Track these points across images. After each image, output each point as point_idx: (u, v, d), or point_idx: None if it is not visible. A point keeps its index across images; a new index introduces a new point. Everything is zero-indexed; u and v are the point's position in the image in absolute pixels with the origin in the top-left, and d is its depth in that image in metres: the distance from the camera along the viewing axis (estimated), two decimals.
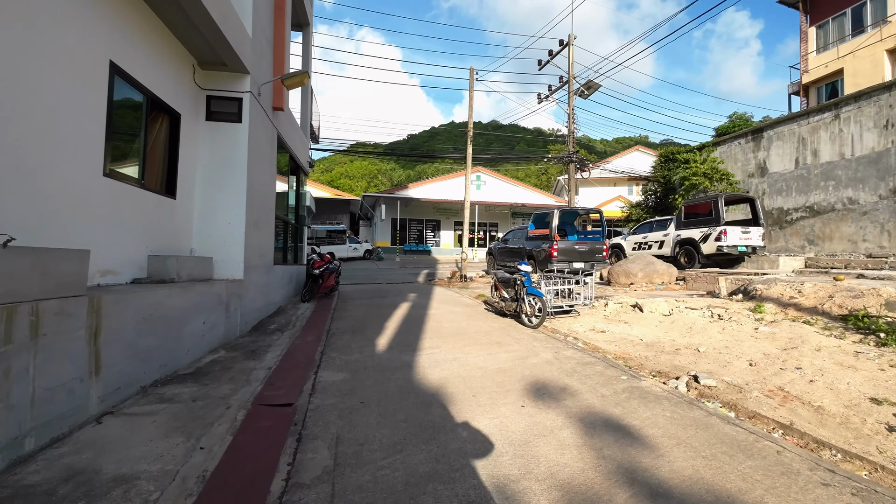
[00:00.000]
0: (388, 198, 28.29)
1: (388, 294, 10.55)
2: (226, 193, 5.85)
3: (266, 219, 7.04)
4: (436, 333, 5.97)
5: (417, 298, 9.72)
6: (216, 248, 5.77)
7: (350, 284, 12.79)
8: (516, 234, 13.95)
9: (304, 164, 10.61)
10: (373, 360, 4.57)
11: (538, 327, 6.32)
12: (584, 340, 5.68)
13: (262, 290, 6.83)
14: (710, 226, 12.17)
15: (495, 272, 7.74)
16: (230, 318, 5.41)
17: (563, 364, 4.49)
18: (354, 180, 73.84)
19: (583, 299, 7.30)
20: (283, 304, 8.42)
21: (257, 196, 6.49)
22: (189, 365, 4.19)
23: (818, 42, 22.35)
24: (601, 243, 11.75)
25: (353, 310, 8.09)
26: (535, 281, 6.85)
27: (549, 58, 18.73)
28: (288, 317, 7.21)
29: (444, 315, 7.50)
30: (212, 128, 5.89)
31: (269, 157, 7.23)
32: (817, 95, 22.34)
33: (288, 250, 9.35)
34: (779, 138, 13.93)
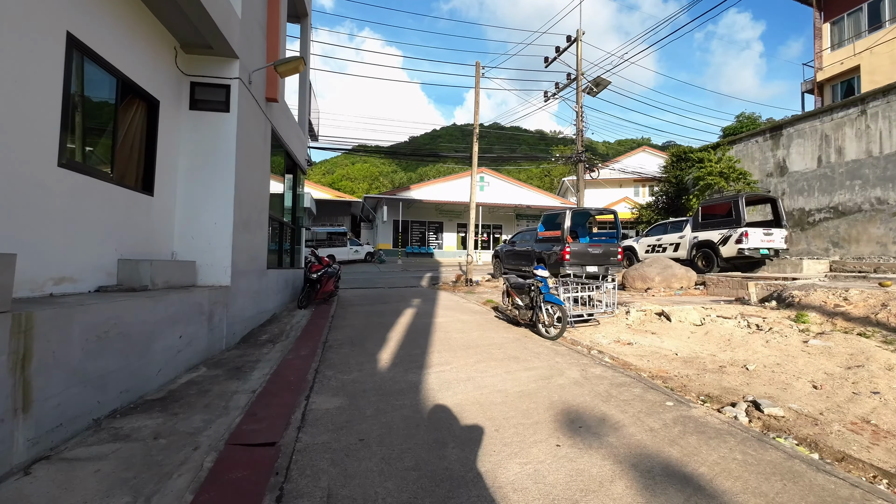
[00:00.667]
0: (390, 199, 27.73)
1: (390, 300, 9.95)
2: (211, 190, 5.27)
3: (258, 219, 6.45)
4: (444, 346, 5.36)
5: (422, 305, 9.12)
6: (200, 252, 5.18)
7: (350, 289, 12.19)
8: (524, 237, 13.35)
9: (302, 163, 10.04)
10: (374, 381, 3.96)
11: (557, 339, 5.71)
12: (611, 355, 5.06)
13: (253, 297, 6.24)
14: (730, 227, 11.55)
15: (507, 277, 7.13)
16: (214, 330, 4.82)
17: (595, 385, 3.88)
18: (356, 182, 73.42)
19: (604, 307, 6.69)
20: (278, 311, 7.82)
21: (248, 194, 5.90)
22: (160, 388, 3.59)
23: (833, 39, 21.75)
24: (615, 246, 11.14)
25: (352, 318, 7.49)
26: (552, 287, 6.24)
27: (556, 55, 18.15)
28: (282, 326, 6.61)
29: (451, 324, 6.89)
30: (196, 118, 5.31)
31: (262, 153, 6.65)
32: (832, 93, 21.73)
33: (284, 253, 8.77)
34: (799, 136, 13.31)
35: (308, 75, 10.38)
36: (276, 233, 8.26)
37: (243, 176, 5.68)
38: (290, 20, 9.97)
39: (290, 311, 7.97)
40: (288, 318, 7.36)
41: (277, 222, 8.14)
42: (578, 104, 17.37)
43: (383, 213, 27.24)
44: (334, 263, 9.87)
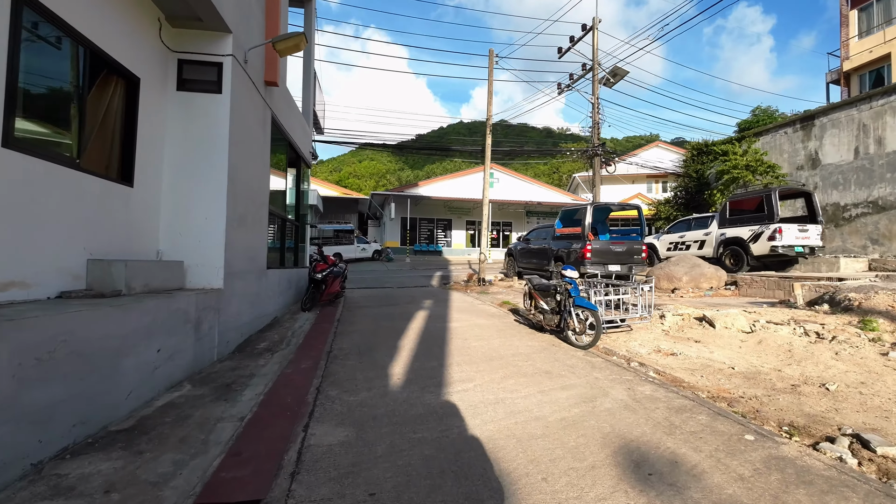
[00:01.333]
0: (397, 196, 27.14)
1: (399, 301, 9.34)
2: (202, 181, 4.68)
3: (256, 214, 5.86)
4: (463, 357, 4.74)
5: (433, 306, 8.50)
6: (189, 251, 4.59)
7: (357, 289, 11.60)
8: (540, 233, 12.67)
9: (307, 156, 9.45)
10: (385, 404, 3.35)
11: (590, 348, 5.06)
12: (655, 368, 4.40)
13: (250, 301, 5.65)
14: (762, 223, 10.80)
15: (530, 278, 6.49)
16: (203, 340, 4.23)
17: (650, 410, 3.23)
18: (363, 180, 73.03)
19: (640, 311, 6.02)
20: (280, 314, 7.24)
21: (244, 186, 5.31)
22: (130, 414, 3.01)
23: (860, 26, 20.74)
24: (639, 243, 10.43)
25: (360, 321, 6.89)
26: (582, 290, 5.59)
27: (570, 44, 17.40)
28: (283, 331, 6.03)
29: (468, 329, 6.27)
30: (184, 100, 4.71)
31: (261, 142, 6.06)
32: (860, 83, 20.74)
33: (286, 252, 8.19)
34: (834, 126, 12.49)
35: (312, 63, 9.79)
36: (278, 230, 7.68)
37: (238, 166, 5.08)
38: (292, 4, 9.38)
39: (293, 314, 7.39)
40: (290, 322, 6.77)
41: (279, 218, 7.56)
42: (595, 95, 16.61)
43: (391, 210, 26.66)
44: (340, 262, 9.29)
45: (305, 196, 10.01)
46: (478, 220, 31.28)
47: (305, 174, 9.89)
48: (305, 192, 10.02)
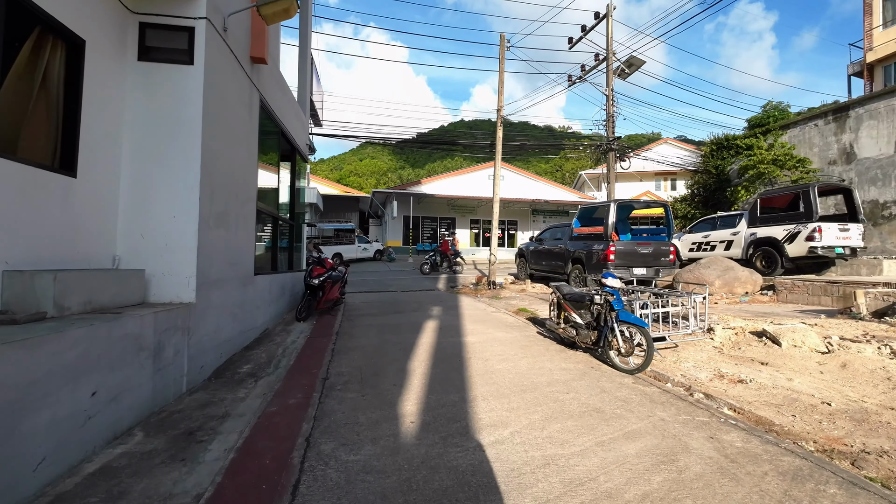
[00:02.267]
0: (400, 194, 26.28)
1: (404, 307, 8.49)
2: (169, 171, 3.83)
3: (241, 212, 5.01)
4: (489, 386, 3.88)
5: (444, 315, 7.65)
6: (153, 256, 3.75)
7: (359, 293, 10.75)
8: (554, 233, 11.81)
9: (303, 149, 8.59)
10: (397, 468, 2.49)
11: (638, 373, 4.21)
12: (727, 401, 3.55)
13: (232, 313, 4.80)
14: (799, 222, 9.91)
15: (558, 286, 5.62)
16: (166, 370, 3.38)
17: (756, 477, 2.37)
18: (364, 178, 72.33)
19: (692, 327, 5.15)
20: (272, 325, 6.40)
21: (224, 178, 4.46)
22: (42, 490, 2.16)
23: (885, 15, 19.80)
24: (667, 244, 9.56)
25: (361, 334, 6.03)
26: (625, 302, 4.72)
27: (581, 34, 16.51)
28: (272, 348, 5.18)
29: (487, 345, 5.41)
30: (148, 72, 3.86)
31: (246, 127, 5.20)
32: (884, 76, 19.80)
33: (279, 254, 7.34)
34: (872, 117, 11.59)
35: (308, 46, 8.91)
36: (270, 230, 6.83)
37: (217, 153, 4.23)
38: None
39: (287, 325, 6.54)
40: (282, 335, 5.92)
41: (270, 217, 6.71)
42: (609, 87, 15.72)
43: (393, 208, 25.81)
44: (340, 266, 8.43)
45: (302, 193, 9.16)
46: (483, 218, 30.42)
47: (302, 169, 9.03)
48: (302, 188, 9.17)
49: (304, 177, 9.14)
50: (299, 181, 8.85)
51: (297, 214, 8.59)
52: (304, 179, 9.37)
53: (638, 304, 4.93)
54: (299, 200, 8.73)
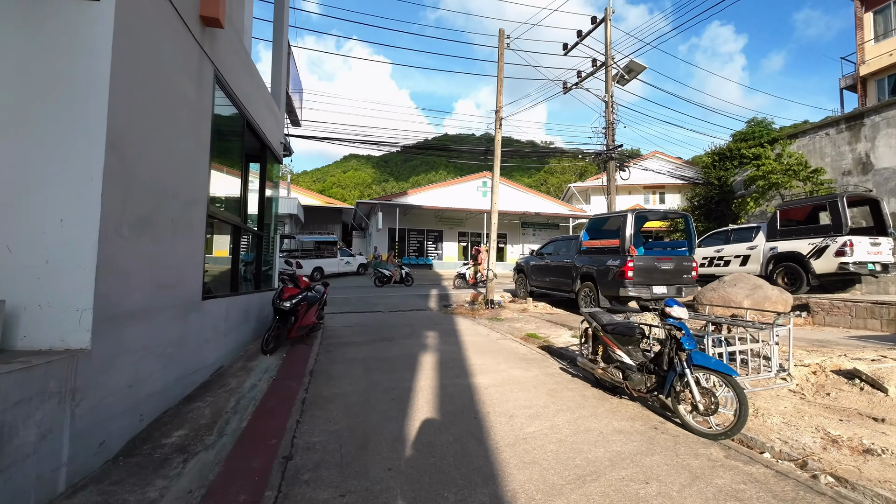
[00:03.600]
0: (385, 205, 25.07)
1: (395, 333, 7.22)
2: (54, 152, 2.57)
3: (181, 217, 3.74)
4: (529, 469, 2.67)
5: (442, 343, 6.42)
6: (23, 279, 2.47)
7: (341, 313, 9.44)
8: (558, 246, 10.75)
9: (275, 146, 7.36)
10: None
11: (726, 438, 3.06)
12: (879, 492, 2.42)
13: (165, 355, 3.50)
14: (826, 235, 9.07)
15: (593, 314, 4.46)
16: (17, 469, 2.08)
17: None
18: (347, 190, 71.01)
19: (774, 368, 4.04)
20: (230, 360, 5.08)
21: (152, 169, 3.21)
22: None
23: (876, 29, 19.75)
24: (689, 259, 8.57)
25: (343, 375, 4.75)
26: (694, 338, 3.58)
27: (577, 39, 15.78)
28: (221, 400, 3.87)
29: (505, 390, 4.21)
30: (24, 5, 2.63)
31: (192, 107, 3.96)
32: (877, 89, 19.66)
33: (243, 271, 6.05)
34: (890, 125, 10.95)
35: (284, 30, 7.74)
36: (230, 242, 5.56)
37: (138, 133, 3.00)
38: None
39: (249, 361, 5.22)
40: (240, 375, 4.61)
41: (231, 226, 5.44)
42: (608, 93, 14.94)
43: (378, 220, 24.55)
44: (317, 284, 7.14)
45: (274, 204, 7.89)
46: (471, 231, 29.39)
47: (275, 171, 7.78)
48: (274, 201, 7.92)
49: (276, 180, 7.88)
50: (272, 186, 7.60)
51: (267, 225, 7.31)
52: (277, 183, 8.11)
53: (710, 339, 3.80)
54: (271, 208, 7.46)
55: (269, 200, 7.41)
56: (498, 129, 10.46)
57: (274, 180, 7.92)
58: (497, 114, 10.42)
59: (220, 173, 5.43)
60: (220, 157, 5.18)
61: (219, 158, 5.13)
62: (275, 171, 7.89)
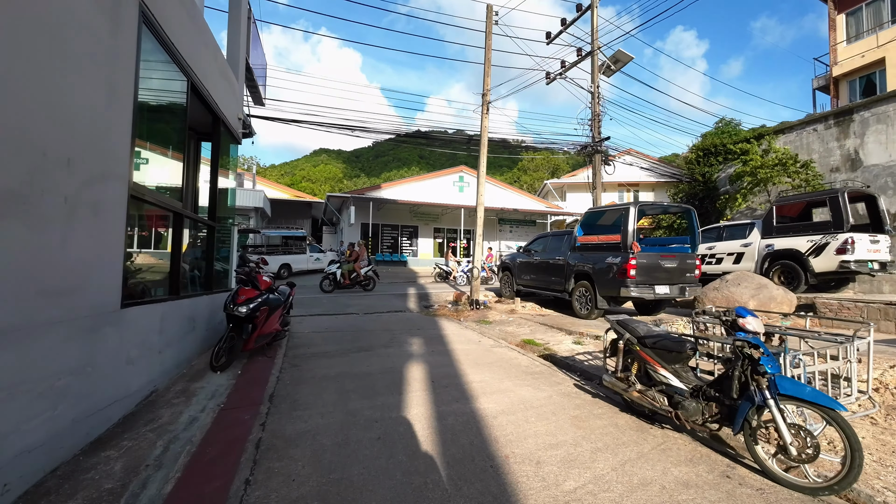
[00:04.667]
0: (358, 199, 23.86)
1: (372, 340, 6.27)
2: None
3: (81, 195, 2.68)
4: None
5: (429, 353, 5.52)
6: None
7: (310, 316, 8.39)
8: (546, 243, 10.01)
9: (232, 123, 6.26)
10: None
11: (828, 494, 2.31)
12: None
13: (51, 392, 2.45)
14: (826, 232, 8.70)
15: (622, 322, 3.67)
16: None
17: None
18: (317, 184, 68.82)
19: (854, 391, 3.34)
20: (167, 383, 4.02)
21: (16, 113, 2.17)
22: None
23: (848, 31, 20.04)
24: (692, 257, 7.98)
25: (312, 402, 3.78)
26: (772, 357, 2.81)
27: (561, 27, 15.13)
28: (141, 448, 2.83)
29: (519, 420, 3.36)
30: None
31: (100, 45, 2.88)
32: (849, 90, 19.98)
33: (189, 269, 4.97)
34: (880, 121, 10.78)
35: None
36: (169, 233, 4.47)
37: None
38: None
39: (192, 382, 4.17)
40: (177, 404, 3.57)
41: (170, 213, 4.36)
42: (594, 83, 14.36)
43: (350, 214, 23.32)
44: (282, 284, 6.10)
45: (233, 191, 6.77)
46: (447, 227, 28.54)
47: (232, 153, 6.66)
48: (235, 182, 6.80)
49: (234, 164, 6.75)
50: (229, 172, 6.49)
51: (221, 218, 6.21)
52: (235, 167, 6.98)
53: (789, 358, 3.05)
54: (226, 196, 6.36)
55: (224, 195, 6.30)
56: (485, 115, 9.61)
57: (231, 165, 6.80)
58: (484, 97, 9.57)
59: (156, 146, 4.35)
60: (154, 126, 4.10)
61: (152, 127, 4.05)
62: (232, 154, 6.77)
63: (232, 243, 6.90)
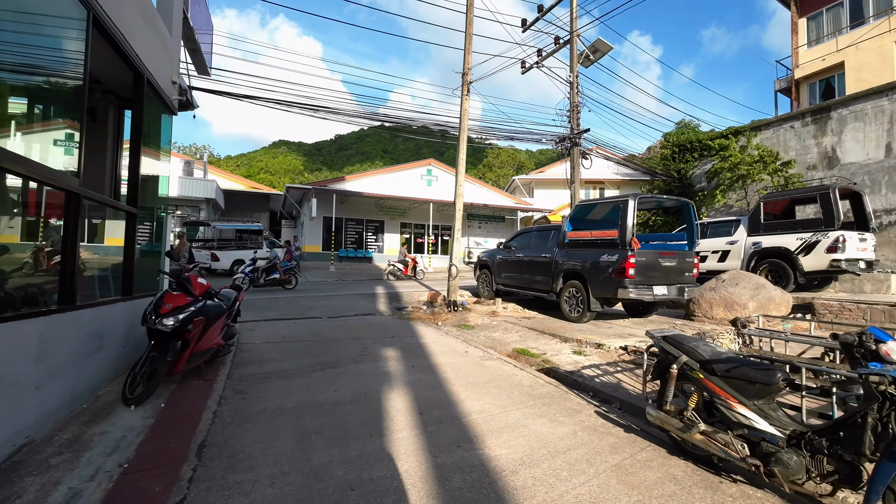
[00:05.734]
0: (320, 191, 22.39)
1: (341, 353, 5.23)
2: None
3: None
4: None
5: (411, 371, 4.56)
6: None
7: (264, 322, 7.22)
8: (530, 238, 9.24)
9: (162, 84, 5.01)
10: None
11: None
12: None
13: None
14: (817, 230, 8.41)
15: (666, 336, 2.86)
16: None
17: None
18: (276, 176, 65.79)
19: None
20: (50, 429, 2.87)
21: None
22: None
23: (809, 35, 20.56)
24: (691, 255, 7.41)
25: (260, 453, 2.73)
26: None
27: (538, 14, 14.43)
28: None
29: (545, 470, 2.48)
30: None
31: None
32: (809, 93, 20.51)
33: (91, 267, 3.77)
34: (858, 119, 10.72)
35: None
36: (65, 221, 3.29)
37: None
38: None
39: (91, 424, 3.03)
40: (56, 466, 2.45)
41: (63, 191, 3.18)
42: (573, 72, 13.76)
43: (311, 207, 21.82)
44: (225, 288, 4.93)
45: (162, 183, 5.52)
46: (415, 222, 27.50)
47: (162, 126, 5.40)
48: (166, 164, 5.55)
49: (167, 137, 5.48)
50: (160, 147, 5.25)
51: (151, 204, 4.98)
52: (169, 142, 5.71)
53: None
54: (156, 183, 5.12)
55: (156, 168, 5.07)
56: (465, 97, 8.68)
57: (165, 142, 5.54)
58: (464, 77, 8.64)
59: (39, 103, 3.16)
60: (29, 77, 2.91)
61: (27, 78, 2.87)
62: (166, 127, 5.50)
63: (165, 236, 5.65)
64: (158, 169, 5.21)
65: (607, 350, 5.47)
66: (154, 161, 5.09)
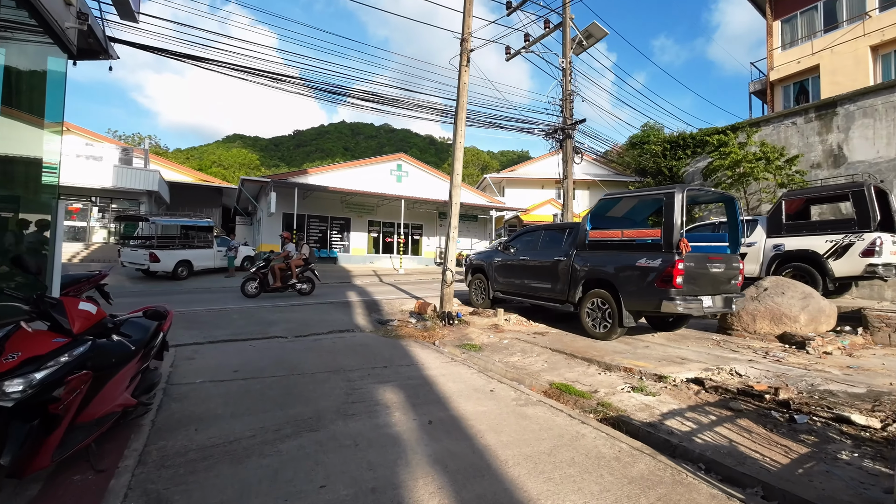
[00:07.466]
0: (280, 184, 20.29)
1: (319, 400, 3.66)
2: None
3: None
4: None
5: (431, 436, 3.08)
6: None
7: (209, 345, 5.50)
8: (536, 239, 7.93)
9: (50, 8, 3.26)
10: None
11: None
12: None
13: None
14: (849, 231, 7.62)
15: None
16: None
17: None
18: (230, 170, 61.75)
19: None
20: None
21: None
22: None
23: (784, 38, 20.61)
24: (736, 258, 6.33)
25: None
26: None
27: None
28: None
29: None
30: None
31: None
32: (783, 95, 20.57)
33: None
34: (866, 115, 10.17)
35: None
36: None
37: None
38: None
39: None
40: None
41: None
42: (566, 59, 12.67)
43: (270, 202, 19.70)
44: (133, 314, 3.25)
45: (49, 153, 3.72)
46: (383, 220, 25.77)
47: (43, 71, 3.64)
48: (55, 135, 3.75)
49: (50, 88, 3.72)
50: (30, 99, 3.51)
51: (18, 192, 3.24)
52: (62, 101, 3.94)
53: None
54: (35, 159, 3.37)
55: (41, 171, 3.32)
56: (465, 67, 7.26)
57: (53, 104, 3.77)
58: (463, 45, 7.21)
59: None
60: None
61: None
62: (58, 70, 3.74)
63: (57, 236, 3.86)
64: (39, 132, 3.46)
65: (674, 384, 4.21)
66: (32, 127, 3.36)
